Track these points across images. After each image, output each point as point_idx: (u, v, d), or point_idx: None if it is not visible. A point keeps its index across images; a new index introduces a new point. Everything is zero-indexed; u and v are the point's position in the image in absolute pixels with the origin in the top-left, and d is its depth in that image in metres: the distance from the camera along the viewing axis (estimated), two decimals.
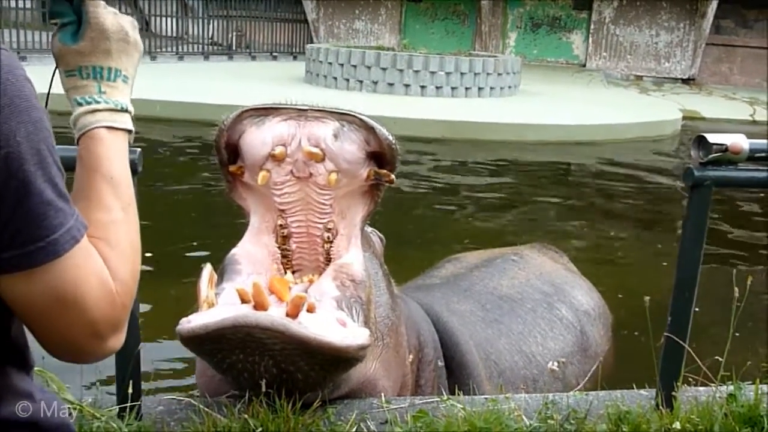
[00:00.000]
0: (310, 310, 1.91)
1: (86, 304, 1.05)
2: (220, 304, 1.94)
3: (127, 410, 2.18)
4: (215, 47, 20.07)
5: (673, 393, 2.37)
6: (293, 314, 1.85)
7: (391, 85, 13.24)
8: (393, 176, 2.12)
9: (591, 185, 9.11)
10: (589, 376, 3.06)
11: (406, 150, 2.13)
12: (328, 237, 2.20)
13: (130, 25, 1.28)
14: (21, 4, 15.96)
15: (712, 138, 2.27)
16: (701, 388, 2.50)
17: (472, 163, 9.74)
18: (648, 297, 2.47)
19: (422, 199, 7.74)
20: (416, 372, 2.61)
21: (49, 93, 1.34)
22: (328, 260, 2.21)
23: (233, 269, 2.11)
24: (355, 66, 13.48)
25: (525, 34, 21.38)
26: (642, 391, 2.54)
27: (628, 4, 20.28)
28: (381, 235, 2.72)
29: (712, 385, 2.42)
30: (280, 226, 2.20)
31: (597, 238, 6.79)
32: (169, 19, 18.96)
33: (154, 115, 10.00)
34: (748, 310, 2.44)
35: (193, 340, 1.85)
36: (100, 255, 1.09)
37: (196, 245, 5.66)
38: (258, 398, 2.06)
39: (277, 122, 2.05)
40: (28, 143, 0.98)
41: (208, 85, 12.91)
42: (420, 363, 2.65)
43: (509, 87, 14.04)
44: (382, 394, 2.31)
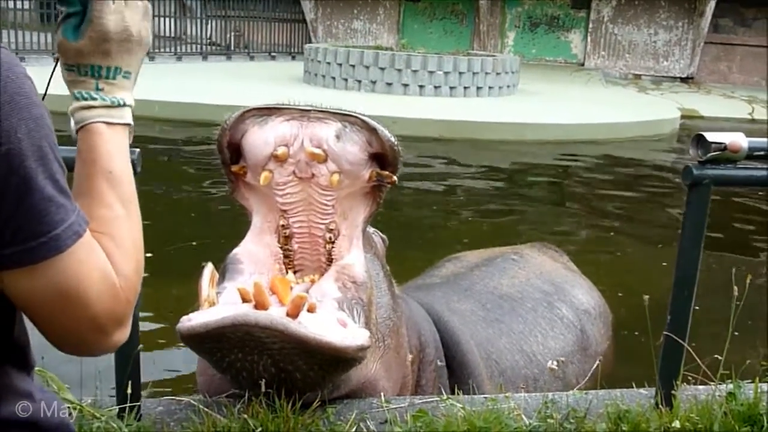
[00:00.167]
0: (311, 310, 1.91)
1: (89, 299, 1.05)
2: (220, 304, 1.94)
3: (127, 410, 2.19)
4: (213, 47, 20.08)
5: (673, 392, 2.37)
6: (293, 314, 1.84)
7: (389, 84, 13.24)
8: (395, 177, 2.12)
9: (590, 184, 9.11)
10: (589, 376, 3.05)
11: (404, 150, 2.13)
12: (330, 238, 2.20)
13: (138, 19, 1.23)
14: (20, 5, 15.96)
15: (711, 137, 2.27)
16: (701, 387, 2.51)
17: (471, 162, 9.74)
18: (647, 296, 2.46)
19: (421, 198, 7.74)
20: (417, 372, 2.61)
21: (47, 88, 1.34)
22: (330, 261, 2.21)
23: (235, 269, 2.11)
24: (353, 66, 13.47)
25: (523, 34, 21.38)
26: (641, 390, 2.54)
27: (627, 3, 20.29)
28: (383, 235, 2.71)
29: (712, 383, 2.41)
30: (282, 226, 2.20)
31: (596, 237, 6.79)
32: (167, 20, 18.93)
33: (153, 116, 10.00)
34: (748, 309, 2.44)
35: (193, 338, 1.85)
36: (103, 250, 1.09)
37: (195, 245, 5.66)
38: (258, 398, 2.06)
39: (279, 122, 2.05)
40: (29, 140, 0.99)
41: (206, 85, 12.90)
42: (421, 363, 2.65)
43: (508, 86, 14.03)
44: (382, 394, 2.31)
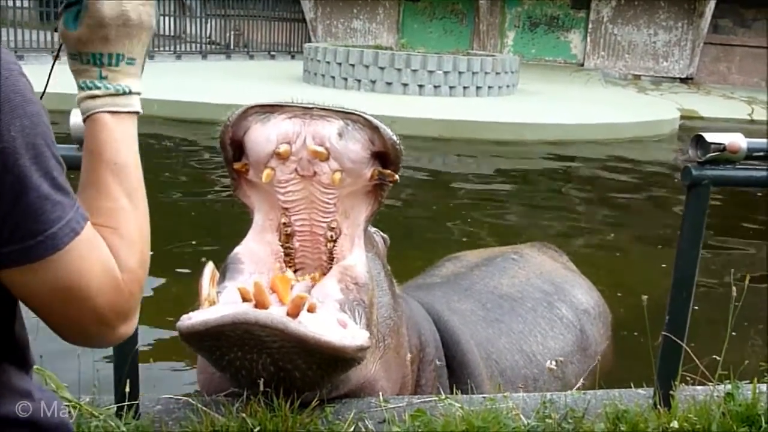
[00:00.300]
0: (311, 310, 1.91)
1: (90, 294, 1.05)
2: (221, 303, 1.94)
3: (125, 409, 2.19)
4: (213, 46, 20.05)
5: (671, 392, 2.37)
6: (294, 314, 1.84)
7: (389, 84, 13.23)
8: (397, 176, 2.12)
9: (589, 184, 9.11)
10: (588, 375, 3.06)
11: (404, 149, 2.13)
12: (332, 236, 2.20)
13: (136, 3, 1.22)
14: (19, 3, 15.95)
15: (710, 137, 2.27)
16: (699, 387, 2.50)
17: (470, 162, 9.74)
18: (646, 296, 2.46)
19: (421, 198, 7.74)
20: (417, 372, 2.61)
21: (46, 86, 1.33)
22: (331, 259, 2.22)
23: (235, 268, 2.11)
24: (353, 65, 13.46)
25: (523, 34, 21.38)
26: (640, 390, 2.54)
27: (626, 4, 20.29)
28: (385, 235, 2.71)
29: (710, 384, 2.41)
30: (284, 224, 2.20)
31: (595, 236, 6.79)
32: (166, 18, 18.91)
33: (152, 114, 10.00)
34: (746, 309, 2.45)
35: (193, 336, 1.84)
36: (107, 243, 1.09)
37: (195, 244, 5.66)
38: (256, 397, 2.06)
39: (282, 120, 2.05)
40: (23, 138, 0.98)
41: (205, 84, 12.89)
42: (421, 363, 2.64)
43: (507, 86, 14.02)
44: (380, 394, 2.31)
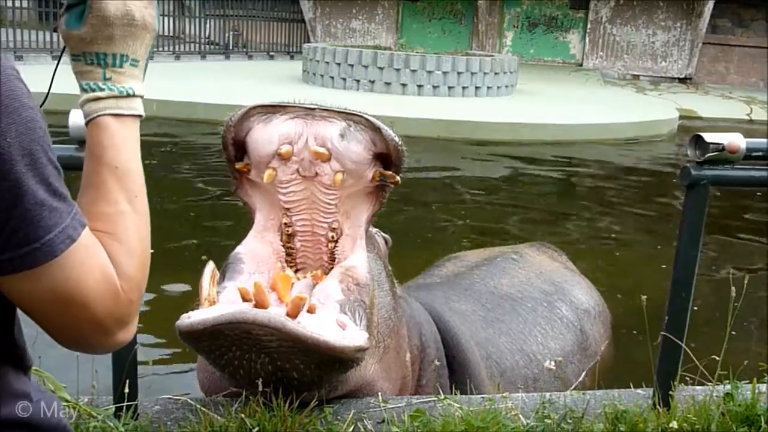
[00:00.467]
0: (311, 310, 1.91)
1: (88, 301, 1.05)
2: (221, 302, 1.93)
3: (124, 409, 2.18)
4: (212, 46, 20.05)
5: (671, 392, 2.37)
6: (293, 314, 1.84)
7: (388, 84, 13.24)
8: (398, 178, 2.12)
9: (588, 184, 9.12)
10: (588, 375, 3.06)
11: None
12: (333, 237, 2.20)
13: (140, 4, 1.21)
14: (18, 4, 15.94)
15: (709, 137, 2.27)
16: (698, 388, 2.50)
17: (469, 162, 9.74)
18: (645, 296, 2.46)
19: (420, 198, 7.74)
20: (418, 372, 2.61)
21: (49, 90, 1.33)
22: (332, 259, 2.22)
23: (236, 268, 2.10)
24: (352, 65, 13.47)
25: (522, 34, 21.39)
26: (639, 391, 2.54)
27: (625, 4, 20.30)
28: (386, 236, 2.71)
29: (709, 384, 2.41)
30: (285, 224, 2.20)
31: (595, 237, 6.79)
32: (165, 18, 18.90)
33: (151, 114, 9.97)
34: (745, 310, 2.44)
35: (192, 335, 1.84)
36: (106, 249, 1.08)
37: (194, 243, 5.66)
38: (255, 397, 2.06)
39: (284, 120, 2.05)
40: (18, 144, 0.97)
41: (204, 84, 12.89)
42: (422, 363, 2.64)
43: (506, 86, 14.03)
44: (380, 394, 2.31)
